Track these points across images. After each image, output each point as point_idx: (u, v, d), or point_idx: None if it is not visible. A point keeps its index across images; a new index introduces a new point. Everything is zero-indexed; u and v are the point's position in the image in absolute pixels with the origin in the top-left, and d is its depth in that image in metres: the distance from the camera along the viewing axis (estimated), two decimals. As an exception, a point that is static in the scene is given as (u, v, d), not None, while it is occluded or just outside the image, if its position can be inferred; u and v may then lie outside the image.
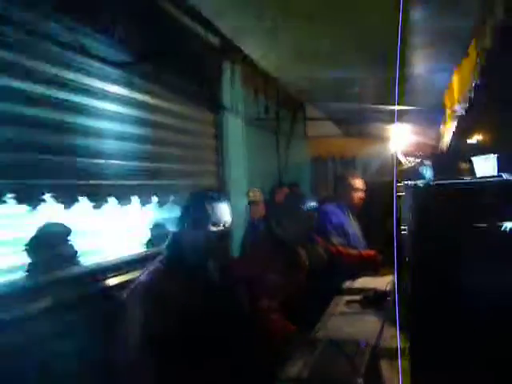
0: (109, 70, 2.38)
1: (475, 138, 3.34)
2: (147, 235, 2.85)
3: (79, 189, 2.14)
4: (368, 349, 1.78)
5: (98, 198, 2.27)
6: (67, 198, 2.08)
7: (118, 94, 2.47)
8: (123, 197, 2.46)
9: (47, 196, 1.96)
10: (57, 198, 2.01)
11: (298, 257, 2.94)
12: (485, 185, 1.48)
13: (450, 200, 1.41)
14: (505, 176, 1.46)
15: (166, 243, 2.11)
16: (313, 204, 3.03)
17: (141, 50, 2.57)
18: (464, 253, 1.36)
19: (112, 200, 2.38)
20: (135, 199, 2.57)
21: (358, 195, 3.93)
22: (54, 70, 2.02)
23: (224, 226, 2.06)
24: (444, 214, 1.39)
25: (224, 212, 2.06)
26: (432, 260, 1.40)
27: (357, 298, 2.91)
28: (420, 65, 2.62)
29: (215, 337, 1.89)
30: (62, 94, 2.07)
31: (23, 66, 1.86)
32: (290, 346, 2.08)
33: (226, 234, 2.15)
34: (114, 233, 2.54)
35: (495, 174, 2.02)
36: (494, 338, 1.37)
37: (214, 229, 2.01)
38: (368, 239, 3.97)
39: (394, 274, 3.02)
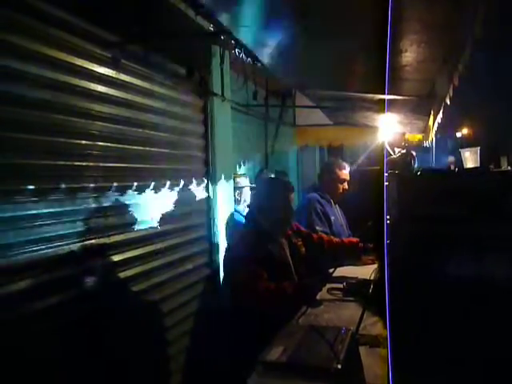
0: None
1: (461, 131, 3.36)
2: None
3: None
4: (348, 335, 1.79)
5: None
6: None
7: (105, 75, 2.44)
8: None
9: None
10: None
11: (278, 246, 2.91)
12: (464, 175, 1.50)
13: (431, 188, 1.42)
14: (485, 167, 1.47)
15: None
16: (295, 192, 3.02)
17: (128, 31, 2.52)
18: (441, 240, 1.37)
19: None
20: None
21: (343, 186, 3.96)
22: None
23: None
24: (425, 201, 1.40)
25: None
26: (410, 246, 1.41)
27: (339, 285, 2.94)
28: (410, 53, 2.61)
29: None
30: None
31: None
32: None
33: None
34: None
35: (478, 165, 2.05)
36: (473, 328, 1.39)
37: None
38: (354, 228, 4.00)
39: (379, 262, 3.06)
